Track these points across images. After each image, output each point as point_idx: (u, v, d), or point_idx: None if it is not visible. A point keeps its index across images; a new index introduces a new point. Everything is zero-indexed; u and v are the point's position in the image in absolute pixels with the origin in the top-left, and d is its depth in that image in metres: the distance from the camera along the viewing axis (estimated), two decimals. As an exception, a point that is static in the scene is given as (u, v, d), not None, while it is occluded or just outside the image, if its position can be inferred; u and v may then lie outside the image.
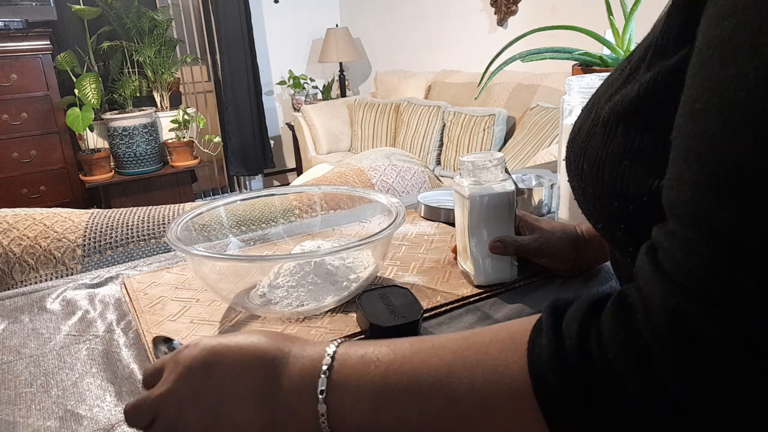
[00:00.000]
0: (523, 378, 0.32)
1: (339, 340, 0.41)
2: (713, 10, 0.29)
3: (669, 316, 0.28)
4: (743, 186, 0.26)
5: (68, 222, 1.01)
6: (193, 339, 0.44)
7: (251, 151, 4.30)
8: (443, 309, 0.67)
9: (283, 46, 4.49)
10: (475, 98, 2.91)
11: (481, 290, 0.71)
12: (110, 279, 0.81)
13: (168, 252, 0.95)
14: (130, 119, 3.49)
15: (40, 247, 0.96)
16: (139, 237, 1.01)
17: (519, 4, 3.22)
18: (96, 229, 1.01)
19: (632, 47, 0.44)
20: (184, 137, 3.66)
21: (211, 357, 0.40)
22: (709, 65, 0.28)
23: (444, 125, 3.27)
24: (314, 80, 4.52)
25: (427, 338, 0.39)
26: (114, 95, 3.63)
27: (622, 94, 0.38)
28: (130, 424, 0.42)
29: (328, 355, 0.39)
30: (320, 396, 0.38)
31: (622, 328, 0.30)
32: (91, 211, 1.08)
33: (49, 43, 3.30)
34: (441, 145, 3.30)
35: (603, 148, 0.39)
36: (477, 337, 0.37)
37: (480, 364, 0.35)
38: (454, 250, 0.77)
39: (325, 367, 0.38)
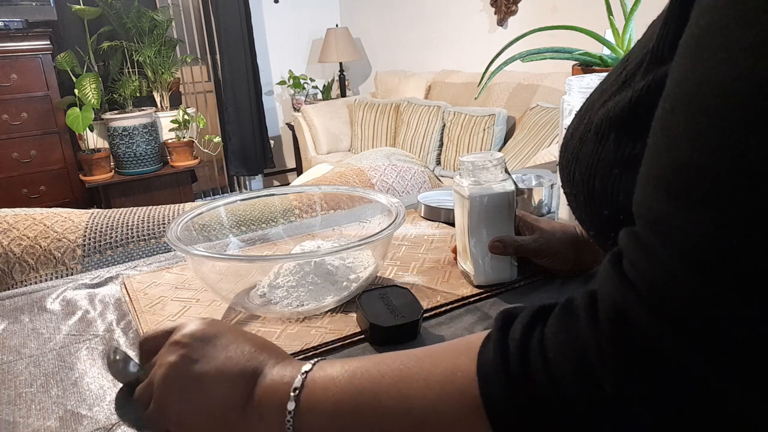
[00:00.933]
0: (472, 380, 0.33)
1: (312, 364, 0.42)
2: (697, 9, 0.29)
3: (615, 314, 0.28)
4: (699, 186, 0.25)
5: (68, 222, 1.01)
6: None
7: (251, 151, 4.30)
8: (443, 309, 0.67)
9: (283, 46, 4.49)
10: (475, 98, 2.91)
11: (481, 290, 0.71)
12: (110, 279, 0.81)
13: (168, 252, 0.95)
14: (130, 119, 3.49)
15: (40, 247, 0.96)
16: (139, 237, 1.01)
17: (519, 4, 3.22)
18: (96, 229, 1.01)
19: (632, 47, 0.44)
20: (184, 137, 3.66)
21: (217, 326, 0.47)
22: (681, 63, 0.28)
23: (444, 125, 3.27)
24: (314, 80, 4.52)
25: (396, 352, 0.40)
26: (114, 95, 3.63)
27: (615, 101, 0.38)
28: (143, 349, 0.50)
29: (301, 374, 0.41)
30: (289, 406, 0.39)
31: (563, 328, 0.31)
32: (91, 211, 1.08)
33: (49, 43, 3.30)
34: (441, 145, 3.30)
35: (594, 155, 0.39)
36: (438, 346, 0.38)
37: (435, 366, 0.35)
38: (454, 250, 0.77)
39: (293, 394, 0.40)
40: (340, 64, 4.43)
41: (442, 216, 0.95)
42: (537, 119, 2.72)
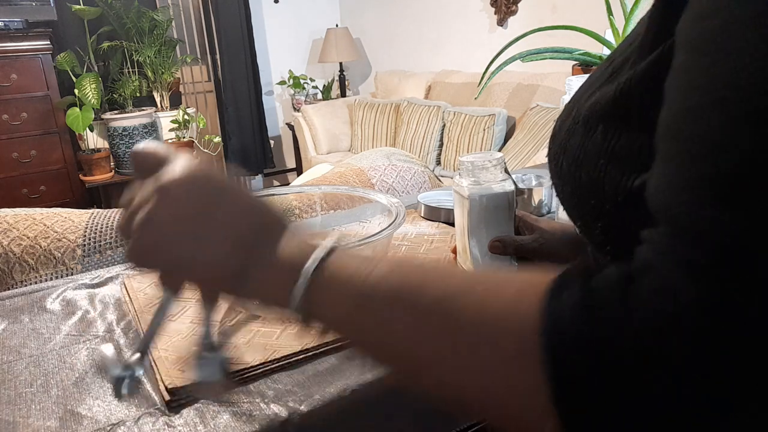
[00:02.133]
0: (536, 322, 0.29)
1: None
2: (697, 10, 0.29)
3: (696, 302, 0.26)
4: (743, 190, 0.25)
5: (68, 222, 1.01)
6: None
7: (251, 151, 4.30)
8: (443, 309, 0.67)
9: (283, 46, 4.49)
10: (475, 98, 2.91)
11: (481, 290, 0.70)
12: (110, 279, 0.81)
13: (168, 252, 0.95)
14: (130, 119, 3.49)
15: (40, 247, 0.96)
16: (139, 237, 1.01)
17: (519, 4, 3.22)
18: (96, 229, 1.01)
19: (619, 44, 0.45)
20: (184, 137, 3.66)
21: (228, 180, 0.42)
22: (699, 64, 0.28)
23: (444, 125, 3.27)
24: (314, 80, 4.52)
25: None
26: (114, 95, 3.63)
27: (601, 93, 0.38)
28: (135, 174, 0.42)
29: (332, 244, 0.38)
30: (306, 268, 0.36)
31: (658, 295, 0.27)
32: (91, 211, 1.08)
33: (49, 43, 3.30)
34: (441, 145, 3.30)
35: (581, 146, 0.39)
36: (490, 274, 0.36)
37: (492, 295, 0.32)
38: (454, 250, 0.77)
39: (323, 254, 0.37)
40: (340, 64, 4.43)
41: (442, 216, 0.95)
42: (537, 119, 2.72)
